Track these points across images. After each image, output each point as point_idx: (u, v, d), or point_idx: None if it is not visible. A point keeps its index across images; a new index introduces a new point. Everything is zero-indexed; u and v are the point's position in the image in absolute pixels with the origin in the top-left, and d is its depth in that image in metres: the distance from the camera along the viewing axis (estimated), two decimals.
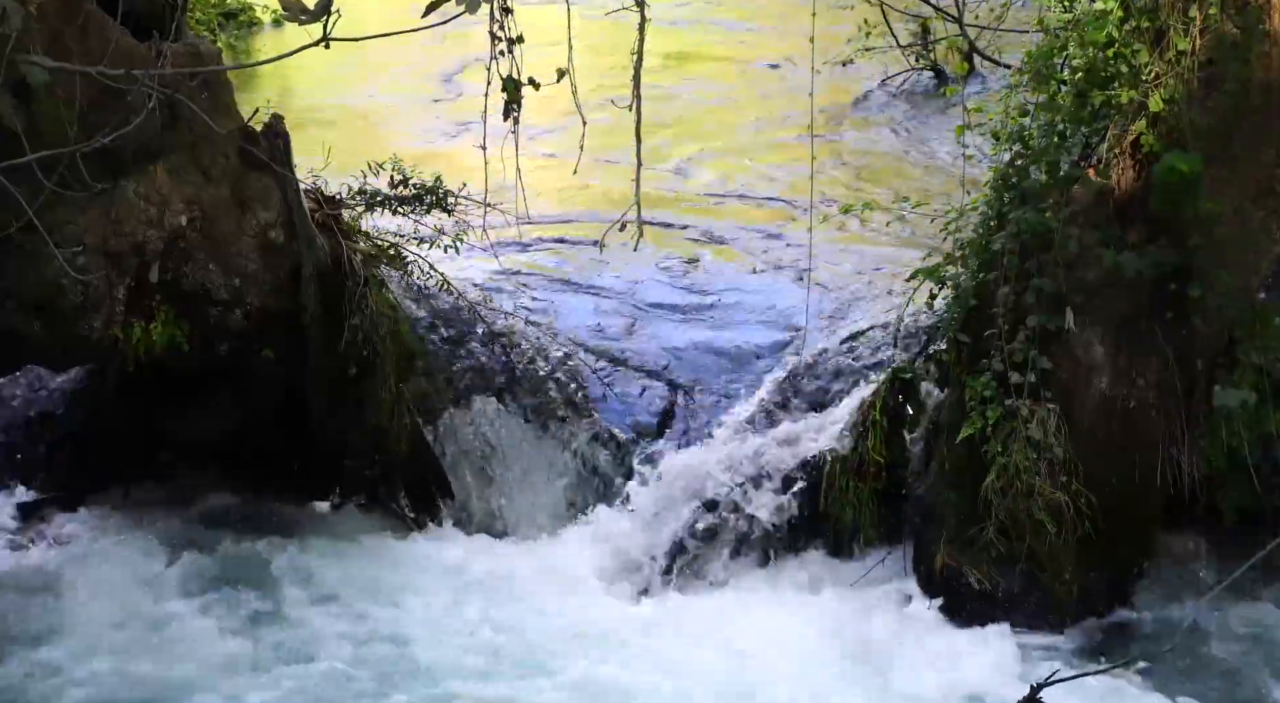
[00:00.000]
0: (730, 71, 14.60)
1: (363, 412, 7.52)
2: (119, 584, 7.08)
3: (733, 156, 11.82)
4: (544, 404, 7.94)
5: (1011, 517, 6.69)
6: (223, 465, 7.92)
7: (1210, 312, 6.64)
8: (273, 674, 6.49)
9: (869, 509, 7.32)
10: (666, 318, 8.66)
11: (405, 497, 7.80)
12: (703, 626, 6.97)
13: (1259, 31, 6.38)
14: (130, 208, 6.73)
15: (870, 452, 7.29)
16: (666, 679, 6.49)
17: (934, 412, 7.33)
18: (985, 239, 6.98)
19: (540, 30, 5.83)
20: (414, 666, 6.59)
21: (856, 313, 8.46)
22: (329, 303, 7.35)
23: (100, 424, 7.91)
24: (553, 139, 11.31)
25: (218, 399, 7.63)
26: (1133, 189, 6.67)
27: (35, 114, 5.94)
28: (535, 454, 7.89)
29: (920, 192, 9.64)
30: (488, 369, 8.00)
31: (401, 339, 7.61)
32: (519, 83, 5.45)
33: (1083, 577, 6.82)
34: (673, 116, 12.45)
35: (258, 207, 7.19)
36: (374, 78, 14.26)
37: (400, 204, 7.79)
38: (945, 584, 6.95)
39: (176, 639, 6.71)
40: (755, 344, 8.35)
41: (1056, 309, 6.69)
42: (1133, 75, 6.56)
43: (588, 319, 8.55)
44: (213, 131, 6.71)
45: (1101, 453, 6.73)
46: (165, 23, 6.53)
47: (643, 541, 7.51)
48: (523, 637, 6.79)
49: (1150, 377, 6.73)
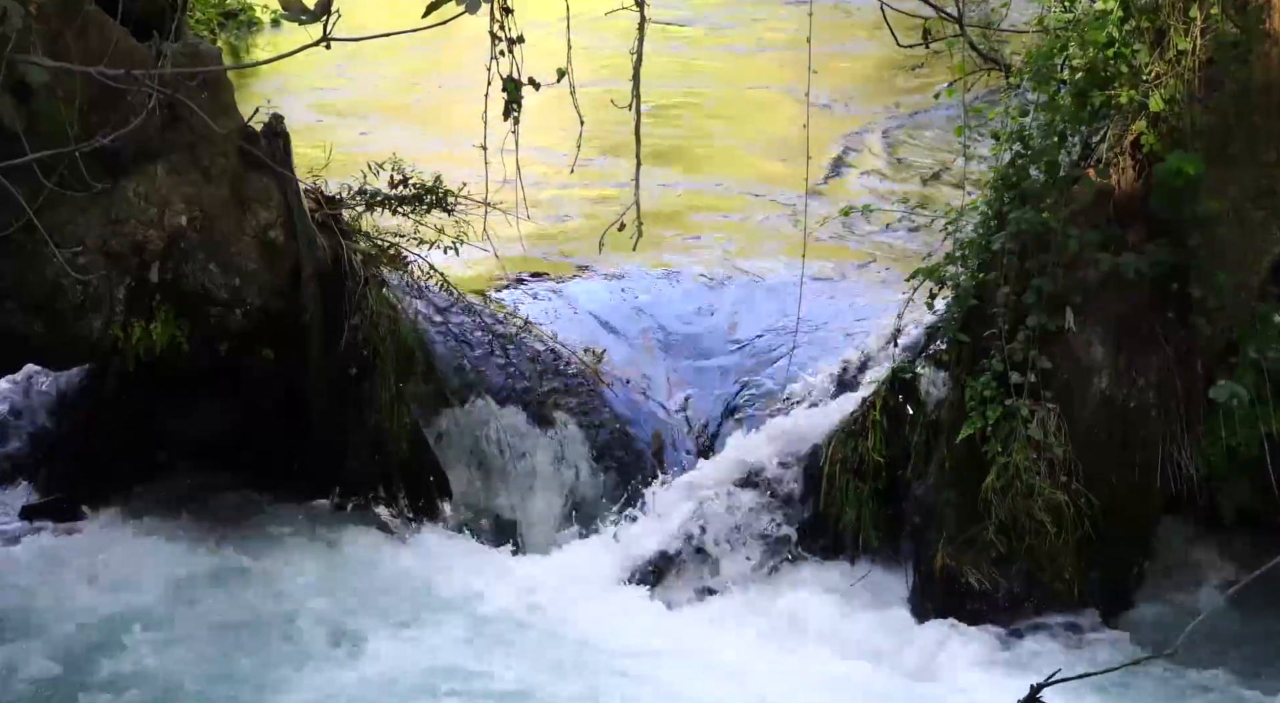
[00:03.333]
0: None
1: (363, 412, 7.52)
2: (118, 584, 7.08)
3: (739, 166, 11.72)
4: (544, 405, 7.94)
5: (1011, 517, 6.69)
6: (222, 465, 7.91)
7: (1210, 311, 6.64)
8: (272, 674, 6.49)
9: (869, 509, 7.32)
10: (667, 318, 8.65)
11: (405, 497, 7.79)
12: (702, 626, 6.97)
13: (1259, 31, 6.38)
14: (130, 208, 6.73)
15: (870, 452, 7.28)
16: (667, 679, 6.49)
17: (934, 412, 7.33)
18: (985, 239, 6.98)
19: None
20: (414, 666, 6.59)
21: (856, 313, 8.47)
22: (329, 303, 7.35)
23: (100, 424, 7.91)
24: (553, 140, 11.30)
25: (218, 399, 7.63)
26: (1133, 189, 6.67)
27: (35, 114, 5.94)
28: (535, 456, 7.89)
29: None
30: (488, 369, 8.00)
31: (401, 339, 7.60)
32: (519, 83, 5.45)
33: (1083, 577, 6.82)
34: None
35: (258, 206, 7.19)
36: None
37: (400, 204, 7.79)
38: (945, 584, 6.94)
39: (175, 639, 6.71)
40: (756, 344, 8.35)
41: (1056, 309, 6.69)
42: (1133, 75, 6.56)
43: (588, 320, 8.54)
44: (212, 131, 6.71)
45: (1101, 453, 6.73)
46: (165, 23, 6.53)
47: (643, 542, 7.50)
48: (524, 638, 6.79)
49: (1150, 377, 6.73)
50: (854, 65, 13.69)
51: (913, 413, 7.38)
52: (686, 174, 11.26)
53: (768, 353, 8.29)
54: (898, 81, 12.58)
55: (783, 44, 14.61)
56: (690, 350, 8.38)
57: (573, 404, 7.97)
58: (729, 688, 6.46)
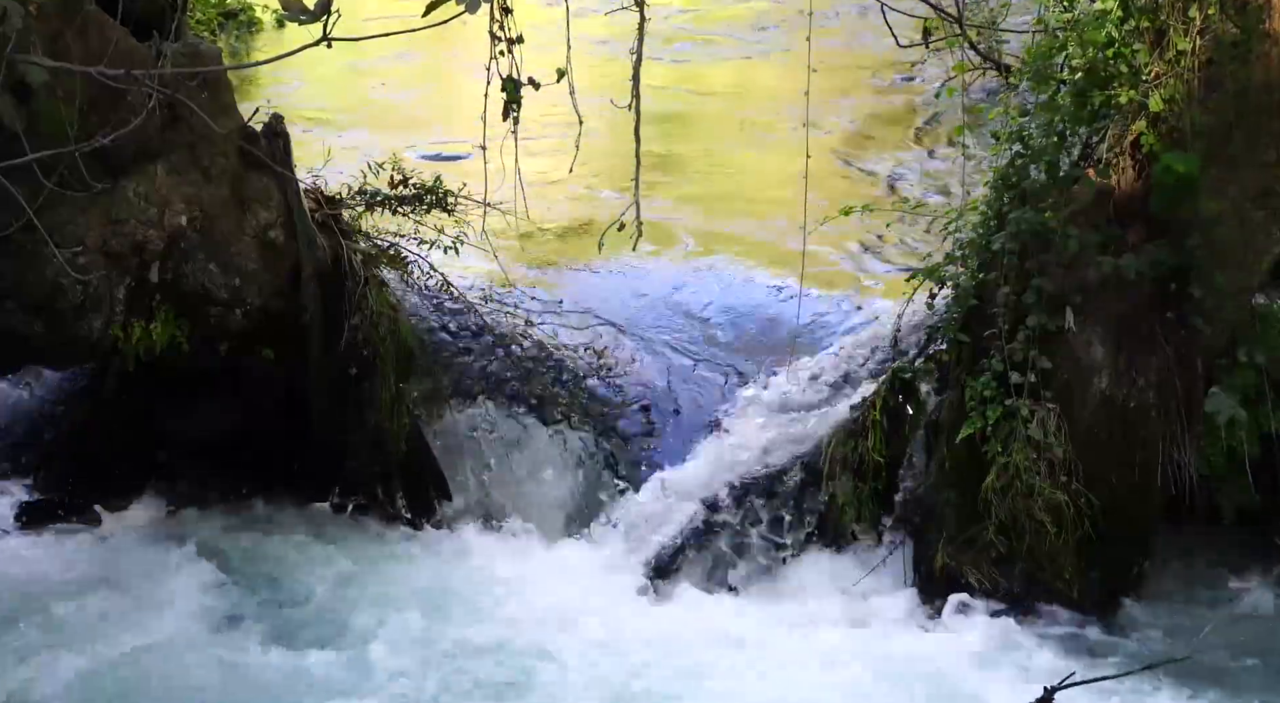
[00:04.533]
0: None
1: (362, 412, 7.52)
2: (117, 584, 7.08)
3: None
4: (545, 404, 7.94)
5: (1011, 517, 6.69)
6: (223, 465, 7.91)
7: (1210, 312, 6.64)
8: (270, 675, 6.49)
9: (869, 509, 7.32)
10: (667, 317, 8.65)
11: (405, 497, 7.80)
12: (702, 626, 6.97)
13: (1259, 31, 6.38)
14: (130, 208, 6.73)
15: (870, 452, 7.29)
16: (667, 679, 6.49)
17: (934, 412, 7.33)
18: (985, 239, 6.98)
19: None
20: (415, 666, 6.58)
21: (855, 313, 8.47)
22: (329, 303, 7.35)
23: (100, 424, 7.91)
24: (554, 140, 11.31)
25: (218, 399, 7.63)
26: (1133, 189, 6.67)
27: (35, 114, 5.94)
28: (536, 455, 7.89)
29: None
30: (488, 369, 8.00)
31: (401, 339, 7.60)
32: (519, 82, 5.46)
33: (1083, 577, 6.82)
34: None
35: (258, 206, 7.19)
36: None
37: (400, 204, 7.79)
38: (945, 584, 6.94)
39: (174, 639, 6.71)
40: (757, 344, 8.36)
41: (1056, 309, 6.69)
42: (1133, 75, 6.56)
43: (588, 319, 8.54)
44: (212, 131, 6.71)
45: (1101, 453, 6.73)
46: (165, 23, 6.53)
47: (643, 541, 7.50)
48: (525, 639, 6.78)
49: (1150, 377, 6.73)
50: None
51: (913, 413, 7.38)
52: (688, 175, 11.31)
53: (768, 352, 8.29)
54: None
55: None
56: (691, 349, 8.38)
57: (573, 403, 7.97)
58: (729, 688, 6.46)
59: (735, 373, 8.20)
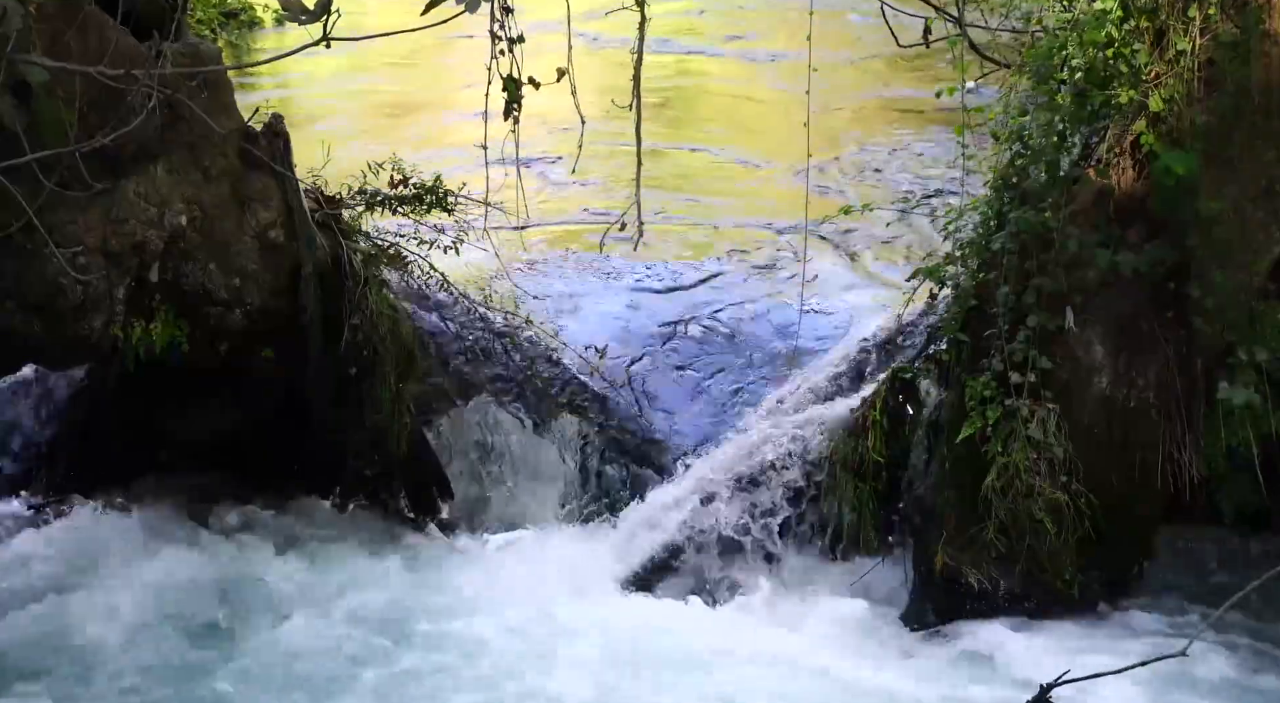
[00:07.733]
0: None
1: (363, 412, 7.52)
2: (118, 583, 7.08)
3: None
4: (546, 405, 7.95)
5: (1011, 517, 6.69)
6: (222, 465, 7.92)
7: (1210, 311, 6.64)
8: (270, 675, 6.49)
9: (869, 509, 7.32)
10: (668, 316, 8.66)
11: (405, 497, 7.80)
12: (701, 625, 6.97)
13: (1259, 31, 6.38)
14: (130, 208, 6.73)
15: (870, 452, 7.29)
16: (666, 677, 6.49)
17: (934, 412, 7.33)
18: (985, 239, 6.98)
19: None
20: (415, 667, 6.59)
21: (855, 314, 8.47)
22: (329, 303, 7.36)
23: (100, 424, 7.91)
24: (554, 142, 11.31)
25: (218, 399, 7.63)
26: (1133, 189, 6.67)
27: (35, 114, 5.94)
28: (536, 455, 7.90)
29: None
30: (488, 369, 8.01)
31: (401, 339, 7.61)
32: (519, 82, 5.45)
33: (1083, 577, 6.82)
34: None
35: (258, 206, 7.19)
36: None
37: (400, 204, 7.80)
38: (945, 584, 6.94)
39: (173, 639, 6.71)
40: (757, 343, 8.36)
41: (1056, 309, 6.69)
42: (1133, 75, 6.56)
43: (589, 320, 8.55)
44: (212, 131, 6.72)
45: (1101, 453, 6.73)
46: (165, 23, 6.53)
47: (644, 540, 7.51)
48: (525, 639, 6.79)
49: (1150, 377, 6.73)
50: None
51: (913, 413, 7.39)
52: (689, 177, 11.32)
53: (768, 352, 8.29)
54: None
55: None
56: (692, 348, 8.39)
57: (574, 402, 7.98)
58: (728, 687, 6.46)
59: (735, 373, 8.21)
